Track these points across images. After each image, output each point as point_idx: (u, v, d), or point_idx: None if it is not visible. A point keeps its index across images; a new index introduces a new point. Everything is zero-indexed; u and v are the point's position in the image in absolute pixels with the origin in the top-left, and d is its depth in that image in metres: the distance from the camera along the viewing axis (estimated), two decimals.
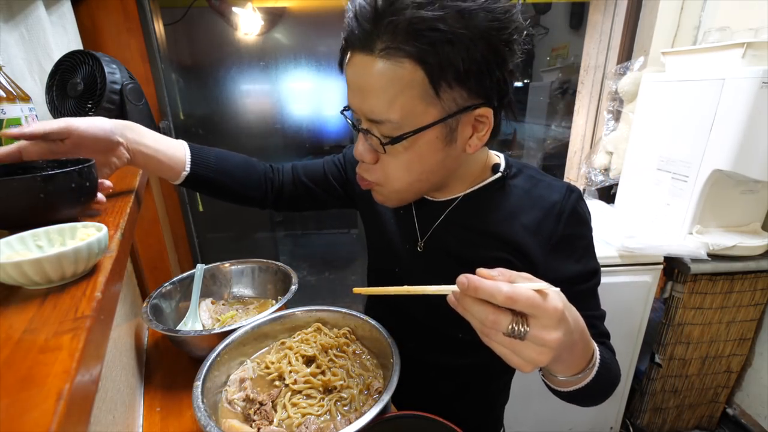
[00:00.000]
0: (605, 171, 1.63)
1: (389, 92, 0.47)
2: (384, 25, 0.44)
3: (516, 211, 0.59)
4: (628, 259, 1.26)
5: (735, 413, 1.52)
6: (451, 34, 0.43)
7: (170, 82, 1.50)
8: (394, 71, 0.45)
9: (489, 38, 0.44)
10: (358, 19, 0.46)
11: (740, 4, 1.32)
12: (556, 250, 0.58)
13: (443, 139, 0.51)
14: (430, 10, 0.42)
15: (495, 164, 0.63)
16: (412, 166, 0.53)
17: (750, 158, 1.09)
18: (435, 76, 0.45)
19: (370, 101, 0.48)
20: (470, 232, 0.61)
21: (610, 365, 0.52)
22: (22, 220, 0.41)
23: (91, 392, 0.27)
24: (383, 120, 0.49)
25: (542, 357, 0.37)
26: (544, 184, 0.60)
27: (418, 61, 0.45)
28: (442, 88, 0.46)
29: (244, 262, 0.92)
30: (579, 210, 0.58)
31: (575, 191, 0.59)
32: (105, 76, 1.01)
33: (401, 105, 0.47)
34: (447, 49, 0.43)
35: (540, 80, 2.80)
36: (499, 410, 0.78)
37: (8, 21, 0.98)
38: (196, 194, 1.66)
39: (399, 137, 0.49)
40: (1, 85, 0.56)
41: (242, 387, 0.60)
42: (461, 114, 0.49)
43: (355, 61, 0.48)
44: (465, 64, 0.45)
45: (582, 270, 0.59)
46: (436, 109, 0.48)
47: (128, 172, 0.78)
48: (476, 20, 0.43)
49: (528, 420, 1.42)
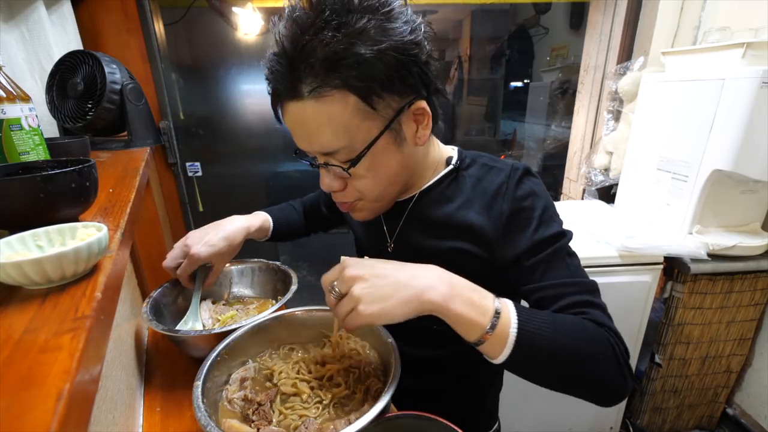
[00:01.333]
0: (605, 171, 1.63)
1: (331, 125, 0.50)
2: (302, 71, 0.48)
3: (470, 200, 0.62)
4: (628, 259, 1.26)
5: (735, 413, 1.52)
6: (366, 54, 0.47)
7: (170, 82, 1.50)
8: (328, 106, 0.49)
9: (394, 43, 0.48)
10: (276, 74, 0.50)
11: (740, 4, 1.32)
12: (508, 226, 0.59)
13: (394, 142, 0.55)
14: (336, 43, 0.46)
15: (449, 157, 0.66)
16: (378, 176, 0.57)
17: (750, 158, 1.09)
18: (364, 94, 0.49)
19: (318, 139, 0.52)
20: (431, 226, 0.64)
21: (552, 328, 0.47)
22: (22, 220, 0.41)
23: (91, 392, 0.27)
24: (336, 150, 0.52)
25: (354, 292, 0.46)
26: (494, 170, 0.62)
27: (346, 87, 0.48)
28: (375, 101, 0.50)
29: (244, 262, 0.92)
30: (523, 184, 0.60)
31: (519, 168, 0.61)
32: (105, 76, 1.01)
33: (345, 131, 0.51)
34: (365, 68, 0.47)
35: (540, 80, 2.81)
36: (491, 403, 0.78)
37: (8, 21, 0.98)
38: (196, 194, 1.66)
39: (357, 158, 0.53)
40: (1, 85, 0.56)
41: (243, 386, 0.60)
42: (400, 115, 0.53)
43: (290, 110, 0.52)
44: (385, 74, 0.49)
45: (538, 238, 0.57)
46: (376, 120, 0.52)
47: (128, 172, 0.78)
48: (378, 33, 0.47)
49: (528, 420, 1.42)
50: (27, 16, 1.00)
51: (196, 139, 1.63)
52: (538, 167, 2.59)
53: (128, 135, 1.12)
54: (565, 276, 0.56)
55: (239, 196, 1.79)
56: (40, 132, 0.61)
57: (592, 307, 0.53)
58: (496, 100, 3.25)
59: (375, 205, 0.62)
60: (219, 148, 1.69)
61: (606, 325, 0.51)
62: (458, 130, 3.42)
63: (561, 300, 0.54)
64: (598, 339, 0.49)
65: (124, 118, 1.09)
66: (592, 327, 0.50)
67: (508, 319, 0.46)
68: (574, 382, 0.49)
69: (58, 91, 1.02)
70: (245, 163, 1.75)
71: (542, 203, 0.59)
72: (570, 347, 0.47)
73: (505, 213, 0.59)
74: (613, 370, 0.49)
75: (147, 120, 1.17)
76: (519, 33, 2.96)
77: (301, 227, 0.95)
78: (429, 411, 0.53)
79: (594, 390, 0.50)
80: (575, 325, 0.49)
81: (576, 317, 0.51)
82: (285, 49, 0.49)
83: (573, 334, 0.48)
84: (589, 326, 0.50)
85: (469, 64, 3.38)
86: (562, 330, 0.47)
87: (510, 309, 0.47)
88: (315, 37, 0.46)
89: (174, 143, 1.48)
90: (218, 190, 1.70)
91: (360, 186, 0.58)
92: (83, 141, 0.82)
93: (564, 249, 0.58)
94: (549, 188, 0.65)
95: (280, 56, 0.50)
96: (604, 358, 0.49)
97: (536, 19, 2.84)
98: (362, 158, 0.53)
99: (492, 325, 0.45)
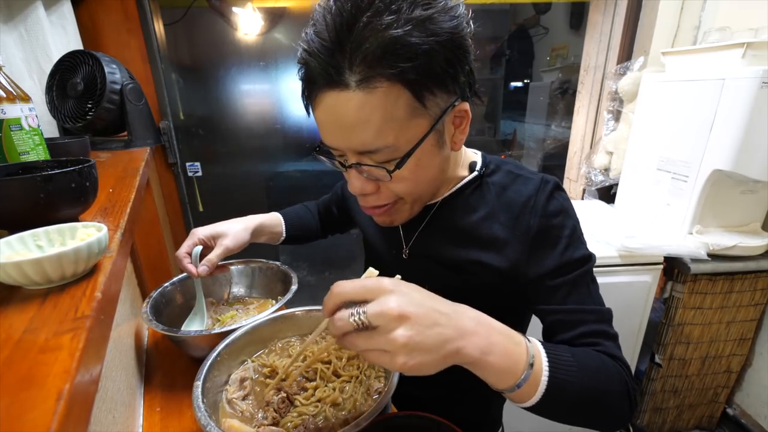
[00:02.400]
0: (605, 171, 1.63)
1: (377, 120, 0.45)
2: (355, 56, 0.43)
3: (494, 210, 0.59)
4: (628, 259, 1.26)
5: (735, 413, 1.52)
6: (425, 45, 0.43)
7: (170, 82, 1.50)
8: (377, 99, 0.44)
9: (453, 38, 0.45)
10: (319, 58, 0.44)
11: (740, 4, 1.32)
12: (535, 244, 0.56)
13: (437, 144, 0.51)
14: (398, 29, 0.41)
15: (472, 162, 0.63)
16: (418, 179, 0.53)
17: (750, 158, 1.09)
18: (418, 89, 0.45)
19: (359, 136, 0.47)
20: (451, 235, 0.61)
21: (580, 375, 0.46)
22: (22, 220, 0.41)
23: (91, 392, 0.27)
24: (378, 148, 0.48)
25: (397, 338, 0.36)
26: (521, 179, 0.59)
27: (400, 81, 0.44)
28: (427, 98, 0.46)
29: (244, 262, 0.92)
30: (554, 200, 0.57)
31: (550, 182, 0.58)
32: (105, 76, 1.01)
33: (392, 128, 0.46)
34: (424, 61, 0.43)
35: (540, 80, 2.81)
36: (496, 409, 0.78)
37: (7, 21, 0.97)
38: (196, 194, 1.66)
39: (403, 159, 0.49)
40: (1, 85, 0.56)
41: (242, 386, 0.60)
42: (444, 115, 0.50)
43: (330, 101, 0.46)
44: (442, 69, 0.45)
45: (566, 260, 0.55)
46: (424, 119, 0.48)
47: (128, 172, 0.78)
48: (440, 24, 0.44)
49: (528, 420, 1.42)
50: (26, 17, 1.00)
51: (196, 139, 1.63)
52: (538, 167, 2.59)
53: (128, 135, 1.12)
54: (586, 302, 0.55)
55: (239, 196, 1.78)
56: (40, 132, 0.61)
57: (608, 338, 0.54)
58: (496, 100, 3.25)
59: (414, 208, 0.58)
60: (219, 148, 1.69)
61: (619, 359, 0.52)
62: None
63: (579, 327, 0.54)
64: (615, 377, 0.49)
65: (124, 118, 1.09)
66: (611, 364, 0.50)
67: (540, 367, 0.44)
68: (588, 418, 0.49)
69: (58, 91, 1.02)
70: (245, 163, 1.75)
71: (572, 223, 0.57)
72: (593, 390, 0.47)
73: (533, 229, 0.56)
74: (624, 404, 0.49)
75: (147, 120, 1.17)
76: (519, 33, 2.96)
77: (316, 228, 0.93)
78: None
79: (603, 423, 0.50)
80: (598, 365, 0.49)
81: (596, 354, 0.51)
82: (336, 29, 0.43)
83: (596, 375, 0.48)
84: (609, 363, 0.50)
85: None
86: (587, 372, 0.47)
87: (542, 356, 0.44)
88: (374, 20, 0.41)
89: (174, 143, 1.48)
90: (218, 190, 1.70)
91: (397, 189, 0.54)
92: (83, 141, 0.82)
93: (589, 274, 0.57)
94: None
95: (326, 38, 0.43)
96: (619, 395, 0.49)
97: (536, 19, 2.83)
98: (408, 159, 0.49)
99: (525, 377, 0.42)
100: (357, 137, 0.47)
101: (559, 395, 0.44)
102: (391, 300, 0.36)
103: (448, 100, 0.49)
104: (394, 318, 0.36)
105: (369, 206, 0.57)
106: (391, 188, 0.54)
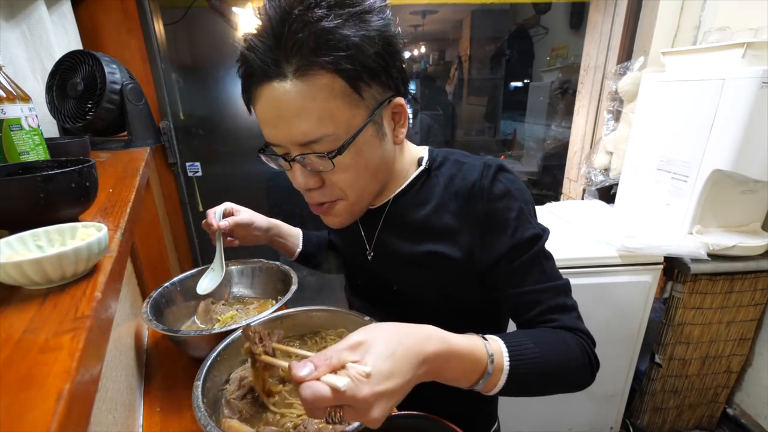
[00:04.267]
0: (605, 171, 1.63)
1: (317, 109, 0.47)
2: (289, 47, 0.45)
3: (444, 201, 0.60)
4: (628, 259, 1.26)
5: (735, 413, 1.52)
6: (355, 38, 0.46)
7: (170, 82, 1.50)
8: (314, 87, 0.46)
9: (382, 35, 0.48)
10: (257, 50, 0.47)
11: (740, 4, 1.32)
12: (484, 229, 0.57)
13: (377, 135, 0.54)
14: (330, 20, 0.45)
15: (420, 158, 0.64)
16: (360, 170, 0.54)
17: (750, 158, 1.09)
18: (353, 79, 0.47)
19: (300, 125, 0.49)
20: (407, 232, 0.63)
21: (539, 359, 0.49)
22: (22, 220, 0.41)
23: (91, 392, 0.27)
24: (319, 138, 0.49)
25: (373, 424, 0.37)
26: (466, 166, 0.60)
27: (335, 70, 0.46)
28: (362, 89, 0.49)
29: (244, 262, 0.92)
30: (498, 183, 0.57)
31: (492, 165, 0.58)
32: (105, 76, 1.01)
33: (332, 116, 0.48)
34: (357, 52, 0.46)
35: (540, 80, 2.81)
36: (491, 404, 0.78)
37: (9, 20, 0.97)
38: (196, 194, 1.66)
39: (342, 146, 0.50)
40: (1, 85, 0.56)
41: (242, 385, 0.60)
42: (382, 108, 0.52)
43: (269, 93, 0.48)
44: (374, 62, 0.48)
45: (516, 242, 0.56)
46: (361, 109, 0.50)
47: (128, 172, 0.78)
48: (369, 22, 0.47)
49: (528, 420, 1.42)
50: (28, 15, 1.00)
51: (196, 139, 1.63)
52: (538, 167, 2.59)
53: (128, 135, 1.12)
54: (542, 281, 0.57)
55: (239, 196, 1.78)
56: (40, 132, 0.61)
57: (566, 311, 0.57)
58: (496, 100, 3.25)
59: (354, 207, 0.59)
60: (219, 148, 1.69)
61: (578, 329, 0.56)
62: (458, 130, 3.42)
63: (537, 306, 0.57)
64: (575, 351, 0.53)
65: (124, 118, 1.09)
66: (570, 338, 0.54)
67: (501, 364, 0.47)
68: (553, 390, 0.55)
69: (58, 91, 1.02)
70: (245, 163, 1.75)
71: (517, 204, 0.57)
72: (555, 369, 0.51)
73: (480, 214, 0.57)
74: (585, 372, 0.54)
75: (147, 120, 1.17)
76: (519, 33, 2.96)
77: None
78: (429, 412, 0.53)
79: (566, 390, 0.55)
80: (557, 344, 0.53)
81: (554, 332, 0.55)
82: (272, 24, 0.46)
83: (557, 356, 0.52)
84: (568, 339, 0.54)
85: (469, 64, 3.38)
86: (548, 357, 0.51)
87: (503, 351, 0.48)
88: (306, 13, 0.45)
89: (174, 143, 1.48)
90: (218, 190, 1.70)
91: (341, 181, 0.55)
92: (83, 141, 0.82)
93: (541, 253, 0.58)
94: (549, 188, 0.65)
95: (263, 33, 0.47)
96: (579, 368, 0.54)
97: (536, 19, 2.83)
98: (348, 147, 0.50)
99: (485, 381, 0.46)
100: (297, 127, 0.49)
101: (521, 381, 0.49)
102: (369, 415, 0.36)
103: (383, 94, 0.52)
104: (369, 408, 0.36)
105: (315, 203, 0.58)
106: (335, 180, 0.55)
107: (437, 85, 3.50)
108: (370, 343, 0.39)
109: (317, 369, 0.36)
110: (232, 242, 0.78)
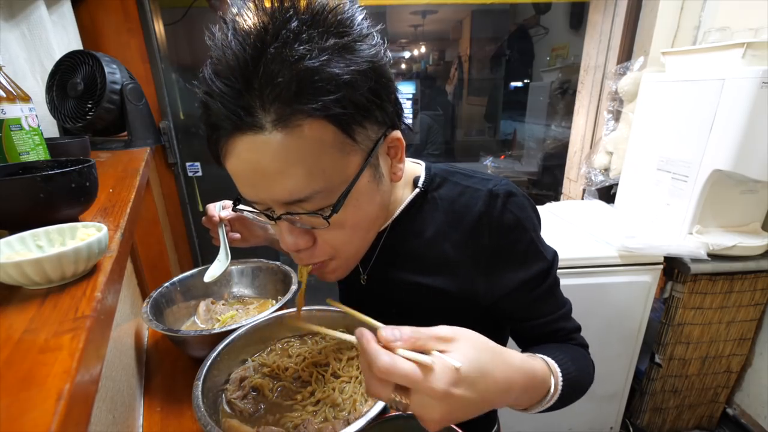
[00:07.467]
0: (605, 171, 1.63)
1: (303, 164, 0.40)
2: (266, 93, 0.37)
3: (443, 229, 0.55)
4: (628, 259, 1.26)
5: (735, 413, 1.52)
6: (345, 76, 0.38)
7: (170, 82, 1.50)
8: (300, 138, 0.38)
9: (374, 66, 0.41)
10: (223, 98, 0.38)
11: (740, 4, 1.32)
12: (492, 264, 0.54)
13: (374, 179, 0.47)
14: (313, 59, 0.37)
15: (416, 177, 0.58)
16: (357, 222, 0.47)
17: (750, 158, 1.09)
18: (346, 123, 0.40)
19: (283, 184, 0.40)
20: (403, 260, 0.58)
21: (577, 377, 0.50)
22: (22, 220, 0.41)
23: (91, 392, 0.27)
24: (308, 195, 0.41)
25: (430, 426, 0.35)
26: (469, 191, 0.54)
27: (323, 116, 0.38)
28: (356, 132, 0.41)
29: (244, 262, 0.92)
30: (507, 213, 0.52)
31: (499, 195, 0.52)
32: (105, 76, 1.01)
33: (323, 169, 0.41)
34: (348, 92, 0.38)
35: (540, 80, 2.81)
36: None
37: (9, 20, 0.97)
38: (196, 194, 1.66)
39: (338, 203, 0.43)
40: (1, 85, 0.56)
41: (242, 386, 0.60)
42: (377, 147, 0.45)
43: (243, 147, 0.40)
44: (368, 100, 0.41)
45: (530, 275, 0.54)
46: (356, 154, 0.43)
47: (128, 172, 0.78)
48: (358, 53, 0.40)
49: (528, 420, 1.42)
50: (28, 16, 1.00)
51: (196, 139, 1.63)
52: (538, 167, 2.59)
53: (128, 135, 1.12)
54: (555, 308, 0.58)
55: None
56: (40, 132, 0.61)
57: (576, 331, 0.60)
58: (496, 100, 3.26)
59: (350, 262, 0.53)
60: None
61: (587, 345, 0.60)
62: (458, 131, 3.43)
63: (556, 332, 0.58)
64: (590, 365, 0.57)
65: (124, 118, 1.09)
66: (585, 354, 0.58)
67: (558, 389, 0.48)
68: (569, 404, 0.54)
69: (58, 91, 1.02)
70: None
71: (528, 235, 0.53)
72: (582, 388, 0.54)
73: (487, 250, 0.53)
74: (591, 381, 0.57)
75: (147, 120, 1.17)
76: (519, 33, 2.96)
77: None
78: None
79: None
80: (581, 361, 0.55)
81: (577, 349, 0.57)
82: (240, 65, 0.37)
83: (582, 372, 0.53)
84: (585, 355, 0.58)
85: (469, 64, 3.39)
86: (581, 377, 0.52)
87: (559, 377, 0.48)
88: (283, 51, 0.36)
89: (174, 143, 1.48)
90: (218, 190, 1.70)
91: (335, 239, 0.47)
92: (83, 141, 0.82)
93: (552, 280, 0.56)
94: (549, 188, 0.64)
95: (228, 76, 0.37)
96: (591, 378, 0.57)
97: (536, 19, 2.83)
98: (345, 200, 0.43)
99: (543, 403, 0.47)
100: (281, 186, 0.41)
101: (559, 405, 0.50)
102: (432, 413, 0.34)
103: (378, 131, 0.45)
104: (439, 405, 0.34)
105: (304, 263, 0.50)
106: (328, 239, 0.47)
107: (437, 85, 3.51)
108: (461, 343, 0.36)
109: (403, 341, 0.34)
110: (234, 236, 0.76)
